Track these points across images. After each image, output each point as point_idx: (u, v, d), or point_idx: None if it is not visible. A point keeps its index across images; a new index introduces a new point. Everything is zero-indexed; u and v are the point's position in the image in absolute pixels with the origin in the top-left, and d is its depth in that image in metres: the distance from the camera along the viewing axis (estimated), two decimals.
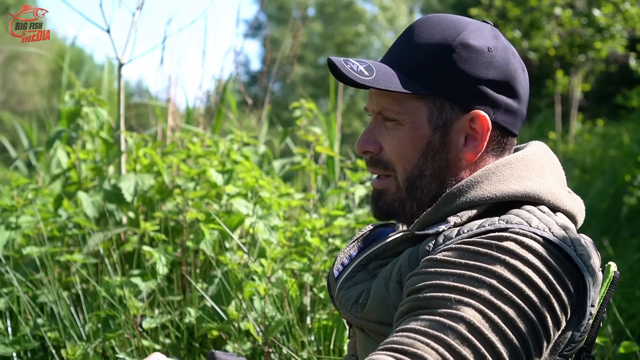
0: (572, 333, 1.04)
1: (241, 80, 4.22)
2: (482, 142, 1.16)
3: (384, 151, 1.20)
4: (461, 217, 1.11)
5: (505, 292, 0.96)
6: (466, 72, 1.14)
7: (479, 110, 1.15)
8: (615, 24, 8.66)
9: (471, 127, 1.16)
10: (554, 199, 1.14)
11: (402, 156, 1.18)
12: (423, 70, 1.15)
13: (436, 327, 0.93)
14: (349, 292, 1.18)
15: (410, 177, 1.18)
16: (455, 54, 1.14)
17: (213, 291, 2.30)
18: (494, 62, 1.15)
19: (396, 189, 1.20)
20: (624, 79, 10.92)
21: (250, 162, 2.78)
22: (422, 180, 1.18)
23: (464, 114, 1.16)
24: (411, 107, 1.16)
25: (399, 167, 1.19)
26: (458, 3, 17.67)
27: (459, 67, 1.14)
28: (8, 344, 2.12)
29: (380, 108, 1.19)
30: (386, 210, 1.22)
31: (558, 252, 1.02)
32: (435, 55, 1.14)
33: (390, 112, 1.17)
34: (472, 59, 1.14)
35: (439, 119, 1.16)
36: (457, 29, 1.16)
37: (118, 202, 2.57)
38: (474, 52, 1.14)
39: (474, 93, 1.15)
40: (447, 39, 1.15)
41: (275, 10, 26.25)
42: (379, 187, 1.22)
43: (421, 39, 1.17)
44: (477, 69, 1.14)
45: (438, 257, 1.03)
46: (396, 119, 1.17)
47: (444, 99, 1.15)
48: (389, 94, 1.17)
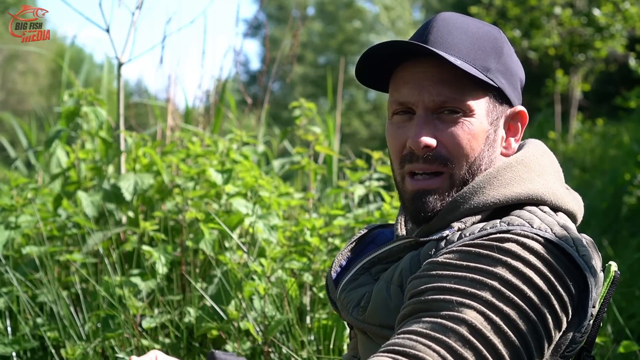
0: (574, 334, 1.04)
1: (241, 79, 4.22)
2: (519, 138, 1.20)
3: (441, 145, 1.12)
4: (465, 223, 1.10)
5: (507, 294, 0.96)
6: (512, 67, 1.16)
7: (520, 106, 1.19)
8: (615, 23, 8.65)
9: (514, 122, 1.18)
10: (556, 199, 1.14)
11: (468, 149, 1.12)
12: (484, 60, 1.12)
13: (438, 329, 0.93)
14: (350, 294, 1.18)
15: (471, 171, 1.13)
16: (506, 48, 1.16)
17: (213, 291, 2.30)
18: (519, 61, 1.20)
19: (449, 186, 1.13)
20: (624, 78, 10.91)
21: (250, 162, 2.78)
22: (478, 174, 1.14)
23: (509, 108, 1.17)
24: (475, 97, 1.12)
25: (461, 161, 1.12)
26: (458, 2, 17.66)
27: (509, 61, 1.16)
28: (7, 343, 2.12)
29: (444, 98, 1.11)
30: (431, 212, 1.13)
31: (560, 253, 1.02)
32: (490, 47, 1.14)
33: (458, 103, 1.11)
34: (513, 55, 1.18)
35: (494, 112, 1.15)
36: (487, 25, 1.18)
37: (117, 202, 2.57)
38: (512, 49, 1.18)
39: (516, 89, 1.18)
40: (494, 33, 1.16)
41: (274, 9, 26.24)
42: (431, 186, 1.13)
43: (467, 31, 1.13)
44: (515, 66, 1.18)
45: (440, 260, 1.03)
46: (463, 110, 1.11)
47: (500, 92, 1.15)
48: (455, 83, 1.10)
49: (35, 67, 22.43)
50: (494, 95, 1.14)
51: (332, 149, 3.65)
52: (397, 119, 1.16)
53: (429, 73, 1.11)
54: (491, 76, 1.12)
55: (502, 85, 1.14)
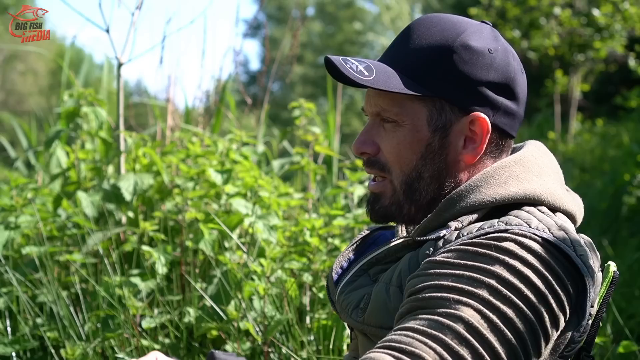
0: (572, 334, 1.04)
1: (240, 80, 4.22)
2: (482, 145, 1.15)
3: (381, 152, 1.18)
4: (462, 222, 1.10)
5: (504, 292, 0.96)
6: (466, 74, 1.13)
7: (479, 112, 1.14)
8: (615, 23, 8.65)
9: (470, 129, 1.15)
10: (554, 199, 1.14)
11: (400, 158, 1.16)
12: (423, 71, 1.13)
13: (435, 326, 0.93)
14: (349, 296, 1.18)
15: (408, 180, 1.17)
16: (456, 55, 1.13)
17: (212, 291, 2.30)
18: (494, 63, 1.14)
19: (392, 192, 1.19)
20: (624, 78, 10.92)
21: (250, 162, 2.78)
22: (420, 183, 1.17)
23: (463, 115, 1.15)
24: (411, 108, 1.15)
25: (396, 169, 1.17)
26: (457, 3, 17.66)
27: (459, 69, 1.13)
28: (7, 343, 2.12)
29: (378, 109, 1.17)
30: (383, 213, 1.21)
31: (558, 253, 1.02)
32: (435, 56, 1.13)
33: (389, 113, 1.16)
34: (473, 60, 1.13)
35: (438, 121, 1.15)
36: (457, 29, 1.15)
37: (117, 202, 2.57)
38: (475, 54, 1.13)
39: (474, 95, 1.14)
40: (448, 40, 1.14)
41: (274, 9, 26.24)
42: (376, 189, 1.21)
43: (421, 39, 1.15)
44: (477, 71, 1.13)
45: (437, 259, 1.03)
46: (395, 120, 1.15)
47: (444, 101, 1.14)
48: (388, 94, 1.15)
49: (35, 68, 22.43)
50: (439, 104, 1.14)
51: (332, 149, 3.65)
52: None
53: None
54: (434, 86, 1.13)
55: (447, 94, 1.13)
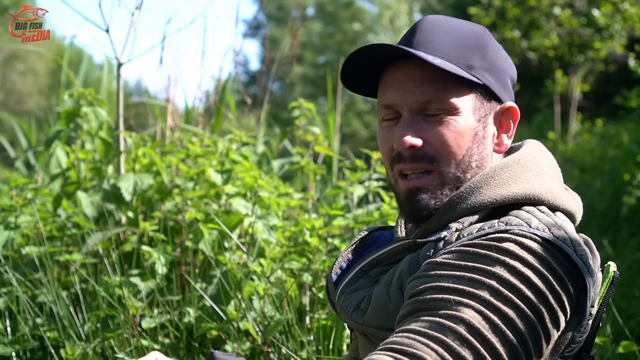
0: (573, 334, 1.04)
1: (240, 80, 4.22)
2: (512, 134, 1.19)
3: (427, 145, 1.13)
4: (462, 223, 1.10)
5: (505, 293, 0.96)
6: (499, 64, 1.16)
7: (510, 102, 1.18)
8: (615, 23, 8.66)
9: (504, 118, 1.18)
10: (553, 198, 1.14)
11: (452, 148, 1.13)
12: (468, 59, 1.13)
13: (436, 328, 0.93)
14: (350, 297, 1.18)
15: (460, 168, 1.14)
16: (490, 46, 1.16)
17: (212, 291, 2.30)
18: (508, 58, 1.20)
19: (441, 184, 1.14)
20: (623, 79, 10.92)
21: (249, 162, 2.78)
22: (469, 172, 1.15)
23: (498, 104, 1.17)
24: (460, 96, 1.13)
25: (447, 159, 1.13)
26: (457, 3, 17.67)
27: (494, 58, 1.16)
28: (7, 343, 2.12)
29: (427, 98, 1.12)
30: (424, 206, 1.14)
31: (558, 253, 1.02)
32: (473, 46, 1.14)
33: (440, 102, 1.12)
34: (500, 52, 1.18)
35: (481, 109, 1.15)
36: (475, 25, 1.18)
37: (117, 202, 2.57)
38: (499, 47, 1.18)
39: (505, 85, 1.17)
40: (479, 31, 1.17)
41: (274, 9, 26.24)
42: (422, 184, 1.14)
43: (452, 30, 1.15)
44: (503, 62, 1.17)
45: (438, 260, 1.03)
46: (446, 109, 1.12)
47: (487, 89, 1.15)
48: (438, 82, 1.12)
49: (34, 68, 22.43)
50: (480, 92, 1.14)
51: (332, 149, 3.65)
52: (385, 123, 1.18)
53: (412, 75, 1.13)
54: (475, 73, 1.13)
55: (488, 82, 1.14)
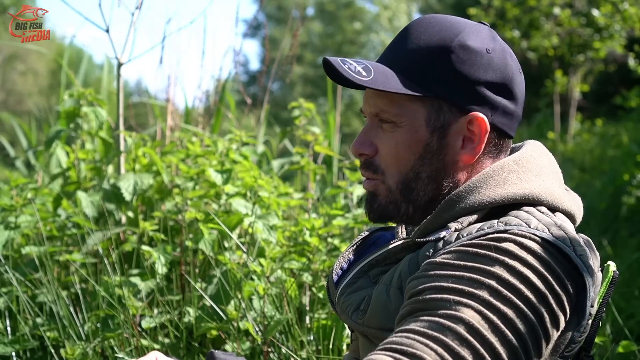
0: (572, 334, 1.04)
1: (240, 80, 4.22)
2: (480, 145, 1.15)
3: (379, 154, 1.18)
4: (462, 223, 1.10)
5: (504, 293, 0.96)
6: (464, 74, 1.13)
7: (477, 112, 1.14)
8: (614, 23, 8.66)
9: (469, 129, 1.15)
10: (553, 199, 1.14)
11: (398, 159, 1.16)
12: (421, 72, 1.13)
13: (435, 327, 0.93)
14: (349, 298, 1.18)
15: (405, 180, 1.17)
16: (454, 55, 1.13)
17: (212, 291, 2.30)
18: (492, 63, 1.14)
19: (387, 192, 1.19)
20: (623, 79, 10.92)
21: (249, 162, 2.78)
22: (417, 183, 1.17)
23: (462, 115, 1.15)
24: (409, 108, 1.15)
25: (392, 170, 1.17)
26: (457, 3, 17.67)
27: (457, 69, 1.13)
28: (7, 343, 2.12)
29: (377, 110, 1.17)
30: (380, 212, 1.21)
31: (557, 253, 1.02)
32: (433, 56, 1.13)
33: (387, 114, 1.16)
34: (471, 60, 1.13)
35: (437, 121, 1.15)
36: (455, 30, 1.15)
37: (117, 202, 2.57)
38: (473, 54, 1.13)
39: (472, 95, 1.14)
40: (446, 40, 1.14)
41: (274, 9, 26.25)
42: (370, 188, 1.21)
43: (419, 39, 1.15)
44: (475, 71, 1.13)
45: (437, 260, 1.03)
46: (393, 120, 1.15)
47: (443, 101, 1.14)
48: (386, 95, 1.15)
49: (34, 68, 22.43)
50: (437, 104, 1.14)
51: (332, 149, 3.65)
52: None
53: None
54: (432, 87, 1.13)
55: (445, 95, 1.13)
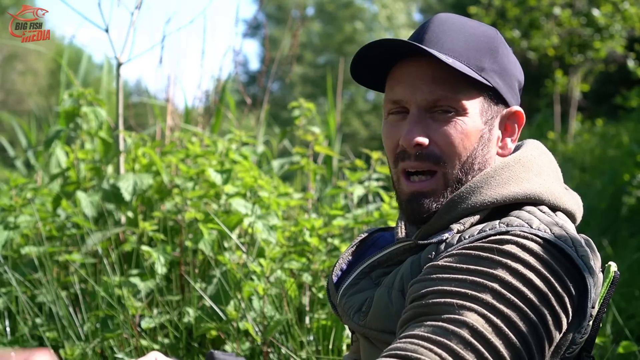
0: (574, 335, 1.04)
1: (240, 79, 4.22)
2: (516, 139, 1.20)
3: (433, 144, 1.13)
4: (464, 224, 1.10)
5: (507, 296, 0.96)
6: (509, 68, 1.16)
7: (517, 106, 1.18)
8: (615, 23, 8.66)
9: (510, 122, 1.18)
10: (554, 198, 1.14)
11: (458, 148, 1.12)
12: (478, 60, 1.13)
13: (439, 332, 0.93)
14: (351, 299, 1.17)
15: (462, 170, 1.14)
16: (502, 49, 1.16)
17: (212, 291, 2.29)
18: (517, 62, 1.19)
19: (443, 186, 1.14)
20: (623, 78, 10.92)
21: (249, 162, 2.78)
22: (472, 174, 1.15)
23: (505, 108, 1.17)
24: (469, 96, 1.12)
25: (452, 160, 1.13)
26: (457, 2, 17.67)
27: (505, 62, 1.16)
28: (7, 343, 2.12)
29: (436, 96, 1.11)
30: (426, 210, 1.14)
31: (559, 254, 1.02)
32: (486, 47, 1.14)
33: (450, 101, 1.11)
34: (510, 56, 1.18)
35: (489, 111, 1.15)
36: (487, 27, 1.18)
37: (117, 202, 2.57)
38: (510, 51, 1.18)
39: (512, 89, 1.17)
40: (492, 34, 1.16)
41: (274, 9, 26.24)
42: (426, 188, 1.14)
43: (464, 31, 1.14)
44: (513, 66, 1.18)
45: (440, 264, 1.03)
46: (455, 108, 1.12)
47: (496, 92, 1.15)
48: (448, 82, 1.11)
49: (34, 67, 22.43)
50: (488, 95, 1.14)
51: (332, 149, 3.65)
52: (392, 118, 1.17)
53: (422, 72, 1.12)
54: (485, 75, 1.13)
55: (497, 85, 1.14)
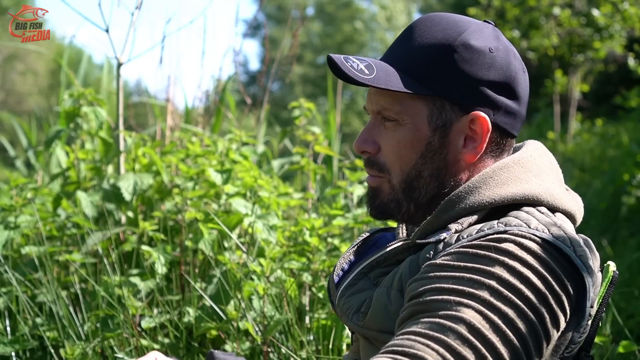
0: (572, 334, 1.04)
1: (240, 79, 4.22)
2: (482, 144, 1.15)
3: (381, 152, 1.18)
4: (462, 224, 1.10)
5: (505, 293, 0.96)
6: (467, 73, 1.13)
7: (479, 111, 1.14)
8: (614, 23, 8.66)
9: (471, 128, 1.15)
10: (553, 199, 1.14)
11: (400, 157, 1.16)
12: (424, 70, 1.13)
13: (436, 328, 0.93)
14: (350, 300, 1.18)
15: (407, 179, 1.17)
16: (457, 54, 1.13)
17: (212, 291, 2.30)
18: (495, 63, 1.14)
19: (390, 190, 1.19)
20: (623, 78, 10.93)
21: (249, 162, 2.78)
22: (419, 181, 1.17)
23: (464, 114, 1.15)
24: (411, 107, 1.15)
25: (395, 168, 1.17)
26: (457, 3, 17.68)
27: (460, 68, 1.13)
28: (7, 343, 2.12)
29: (379, 107, 1.17)
30: (382, 209, 1.21)
31: (557, 253, 1.02)
32: (436, 55, 1.13)
33: (389, 112, 1.16)
34: (474, 59, 1.13)
35: (439, 120, 1.15)
36: (458, 28, 1.15)
37: (117, 202, 2.57)
38: (475, 53, 1.13)
39: (474, 94, 1.14)
40: (449, 39, 1.14)
41: (274, 9, 26.27)
42: (373, 184, 1.21)
43: (422, 38, 1.16)
44: (478, 70, 1.13)
45: (437, 262, 1.03)
46: (396, 119, 1.16)
47: (445, 100, 1.14)
48: (389, 93, 1.15)
49: (34, 67, 22.44)
50: (440, 102, 1.14)
51: (332, 149, 3.65)
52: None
53: None
54: (434, 85, 1.13)
55: (445, 93, 1.13)
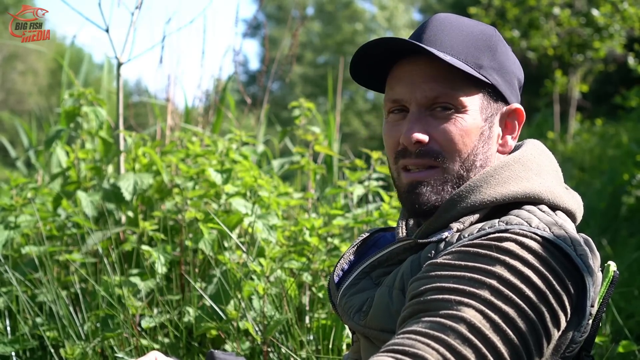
0: (573, 333, 1.04)
1: (240, 79, 4.22)
2: (516, 136, 1.20)
3: (433, 141, 1.13)
4: (463, 223, 1.10)
5: (506, 293, 0.96)
6: (508, 65, 1.17)
7: (517, 104, 1.19)
8: (614, 23, 8.66)
9: (509, 120, 1.19)
10: (554, 197, 1.14)
11: (461, 145, 1.13)
12: (476, 58, 1.14)
13: (437, 328, 0.93)
14: (351, 300, 1.18)
15: (464, 167, 1.14)
16: (500, 47, 1.17)
17: (212, 290, 2.30)
18: (516, 61, 1.20)
19: (443, 180, 1.14)
20: (623, 78, 10.93)
21: (249, 162, 2.78)
22: (473, 171, 1.15)
23: (504, 106, 1.18)
24: (469, 94, 1.13)
25: (452, 156, 1.13)
26: (457, 2, 17.67)
27: (503, 60, 1.16)
28: (7, 343, 2.12)
29: (435, 94, 1.12)
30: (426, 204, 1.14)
31: (558, 253, 1.02)
32: (485, 45, 1.15)
33: (449, 98, 1.12)
34: (508, 53, 1.18)
35: (489, 109, 1.16)
36: (483, 25, 1.19)
37: (117, 202, 2.57)
38: (509, 49, 1.19)
39: (512, 86, 1.18)
40: (490, 32, 1.17)
41: (274, 9, 26.25)
42: (423, 178, 1.14)
43: (462, 29, 1.15)
44: (512, 64, 1.18)
45: (439, 261, 1.03)
46: (455, 105, 1.12)
47: (493, 89, 1.15)
48: (448, 80, 1.12)
49: (34, 67, 22.43)
50: (488, 92, 1.15)
51: (332, 149, 3.65)
52: (392, 117, 1.18)
53: (421, 70, 1.13)
54: (484, 73, 1.13)
55: (496, 82, 1.15)
